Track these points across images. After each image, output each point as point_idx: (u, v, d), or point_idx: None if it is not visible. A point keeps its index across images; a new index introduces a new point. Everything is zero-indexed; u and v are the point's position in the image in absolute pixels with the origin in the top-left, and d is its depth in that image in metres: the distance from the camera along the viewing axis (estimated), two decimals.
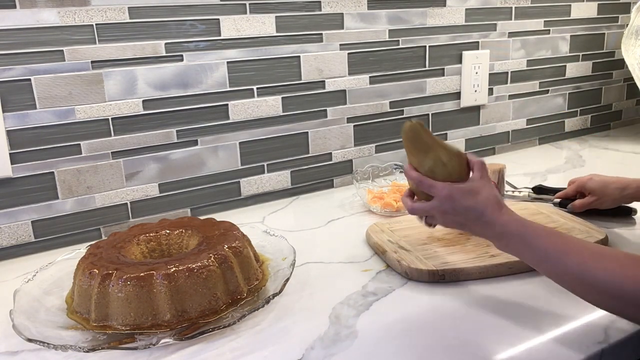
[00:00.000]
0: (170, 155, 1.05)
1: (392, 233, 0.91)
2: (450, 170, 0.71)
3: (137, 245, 0.79)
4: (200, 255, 0.72)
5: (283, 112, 1.14)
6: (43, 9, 0.90)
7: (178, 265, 0.69)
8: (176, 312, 0.68)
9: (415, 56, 1.27)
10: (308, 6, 1.11)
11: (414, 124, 0.73)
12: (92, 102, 0.96)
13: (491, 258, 0.80)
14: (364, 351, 0.64)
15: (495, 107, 1.43)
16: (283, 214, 1.11)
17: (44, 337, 0.64)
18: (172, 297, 0.67)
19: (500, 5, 1.35)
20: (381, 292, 0.77)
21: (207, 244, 0.75)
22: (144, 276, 0.67)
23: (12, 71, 0.89)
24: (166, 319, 0.67)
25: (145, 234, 0.81)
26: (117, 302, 0.67)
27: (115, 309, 0.68)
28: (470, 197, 0.69)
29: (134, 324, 0.67)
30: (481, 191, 0.69)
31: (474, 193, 0.69)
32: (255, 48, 1.08)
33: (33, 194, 0.95)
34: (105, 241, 0.80)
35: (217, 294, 0.70)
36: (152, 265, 0.69)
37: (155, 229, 0.82)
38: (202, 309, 0.69)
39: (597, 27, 1.53)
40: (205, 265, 0.70)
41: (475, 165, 0.72)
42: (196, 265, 0.69)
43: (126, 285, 0.67)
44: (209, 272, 0.70)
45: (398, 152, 1.30)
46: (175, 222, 0.84)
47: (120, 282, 0.67)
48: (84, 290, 0.70)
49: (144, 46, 0.98)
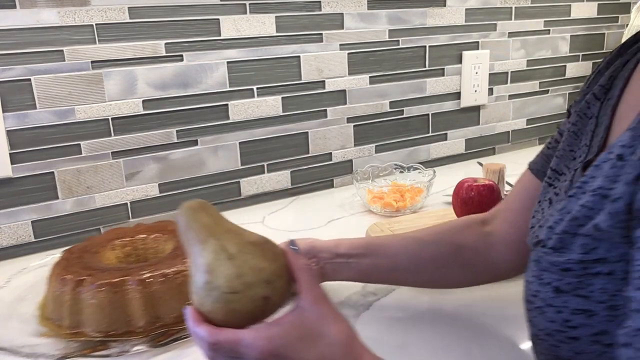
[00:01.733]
0: (170, 155, 1.05)
1: (392, 233, 0.91)
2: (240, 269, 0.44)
3: (112, 251, 0.78)
4: (175, 260, 0.70)
5: (283, 112, 1.14)
6: (43, 9, 0.90)
7: (152, 270, 0.68)
8: (150, 318, 0.67)
9: (415, 56, 1.27)
10: (308, 6, 1.11)
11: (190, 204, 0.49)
12: (92, 102, 0.96)
13: None
14: None
15: (495, 107, 1.43)
16: (283, 214, 1.11)
17: (14, 345, 0.63)
18: (146, 303, 0.66)
19: (500, 5, 1.35)
20: (381, 292, 0.77)
21: (182, 248, 0.74)
22: (117, 282, 0.66)
23: (12, 71, 0.89)
24: (140, 325, 0.66)
25: (120, 238, 0.79)
26: (90, 308, 0.66)
27: (89, 316, 0.67)
28: (305, 346, 0.43)
29: (107, 330, 0.66)
30: (321, 332, 0.44)
31: (312, 337, 0.44)
32: (255, 48, 1.08)
33: (33, 194, 0.95)
34: (79, 246, 0.78)
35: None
36: (126, 271, 0.68)
37: (131, 233, 0.81)
38: (177, 314, 0.68)
39: (597, 27, 1.53)
40: (180, 271, 0.69)
41: (300, 275, 0.46)
42: (171, 270, 0.68)
43: (99, 291, 0.66)
44: (184, 277, 0.68)
45: (398, 152, 1.30)
46: (151, 227, 0.83)
47: (93, 288, 0.66)
48: (57, 296, 0.69)
49: (144, 46, 0.98)
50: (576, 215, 0.44)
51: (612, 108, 0.52)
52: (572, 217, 0.44)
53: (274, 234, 0.98)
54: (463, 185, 0.95)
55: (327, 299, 0.46)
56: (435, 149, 1.36)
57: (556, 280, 0.44)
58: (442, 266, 0.69)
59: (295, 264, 0.46)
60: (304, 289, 0.45)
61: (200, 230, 0.47)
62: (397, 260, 0.70)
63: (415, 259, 0.69)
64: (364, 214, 1.07)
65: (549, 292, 0.45)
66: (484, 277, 0.71)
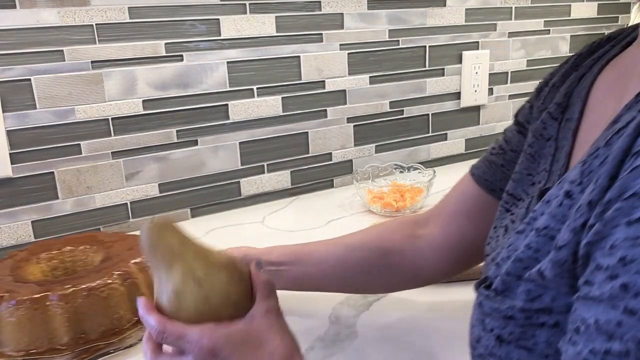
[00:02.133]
0: (170, 155, 1.05)
1: None
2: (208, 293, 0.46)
3: (36, 265, 0.74)
4: (100, 273, 0.68)
5: (283, 112, 1.14)
6: (43, 9, 0.90)
7: (76, 284, 0.65)
8: (74, 334, 0.64)
9: (415, 56, 1.27)
10: (308, 6, 1.12)
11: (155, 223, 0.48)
12: (92, 102, 0.96)
13: None
14: (364, 351, 0.64)
15: (495, 107, 1.43)
16: (283, 214, 1.11)
17: None
18: (69, 318, 0.64)
19: (500, 5, 1.35)
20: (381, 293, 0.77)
21: (111, 260, 0.72)
22: (38, 298, 0.63)
23: (12, 71, 0.89)
24: (64, 342, 0.64)
25: (46, 251, 0.76)
26: (9, 327, 0.63)
27: (8, 335, 0.64)
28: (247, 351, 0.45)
29: (28, 349, 0.63)
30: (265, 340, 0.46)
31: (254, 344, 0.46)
32: (255, 48, 1.08)
33: (33, 194, 0.95)
34: (0, 261, 0.75)
35: (119, 313, 0.67)
36: (48, 286, 0.66)
37: (58, 245, 0.78)
38: (104, 329, 0.66)
39: (597, 27, 1.53)
40: (106, 284, 0.66)
41: (259, 288, 0.49)
42: (96, 283, 0.66)
43: (18, 308, 0.63)
44: (111, 290, 0.66)
45: (398, 152, 1.30)
46: (80, 238, 0.80)
47: (11, 306, 0.63)
48: None
49: (144, 46, 0.98)
50: (521, 257, 0.40)
51: (572, 131, 0.48)
52: (517, 258, 0.40)
53: (274, 234, 0.99)
54: None
55: (279, 313, 0.49)
56: (435, 149, 1.36)
57: (498, 328, 0.41)
58: (369, 271, 0.67)
59: (257, 279, 0.50)
60: (259, 300, 0.48)
61: (166, 251, 0.47)
62: (324, 267, 0.67)
63: (342, 264, 0.67)
64: (364, 214, 1.07)
65: (491, 341, 0.41)
66: (410, 281, 0.68)
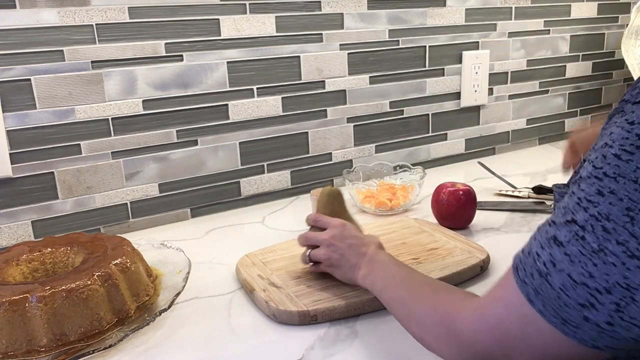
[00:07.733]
0: (170, 155, 1.05)
1: (264, 264, 0.83)
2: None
3: (16, 266, 0.74)
4: (81, 274, 0.68)
5: (283, 112, 1.14)
6: (43, 9, 0.90)
7: (55, 285, 0.65)
8: (54, 336, 0.64)
9: (415, 56, 1.27)
10: (308, 6, 1.12)
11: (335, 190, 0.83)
12: (92, 102, 0.96)
13: None
14: (364, 351, 0.64)
15: (495, 107, 1.43)
16: (283, 214, 1.11)
17: None
18: (48, 320, 0.64)
19: (500, 5, 1.35)
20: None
21: (91, 261, 0.72)
22: (16, 300, 0.63)
23: (12, 71, 0.89)
24: (43, 344, 0.64)
25: (26, 253, 0.76)
26: None
27: None
28: (358, 232, 0.77)
29: (6, 351, 0.63)
30: (367, 235, 0.77)
31: (361, 232, 0.78)
32: (255, 48, 1.08)
33: (33, 194, 0.95)
34: None
35: (99, 314, 0.67)
36: (27, 287, 0.66)
37: (39, 247, 0.77)
38: (84, 330, 0.66)
39: (597, 27, 1.53)
40: (85, 285, 0.66)
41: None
42: (75, 284, 0.66)
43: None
44: (91, 291, 0.66)
45: (398, 152, 1.30)
46: (61, 239, 0.80)
47: None
48: None
49: (144, 46, 0.98)
50: None
51: None
52: None
53: (274, 234, 0.99)
54: (441, 190, 0.98)
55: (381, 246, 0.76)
56: (435, 149, 1.36)
57: None
58: None
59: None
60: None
61: (327, 212, 0.81)
62: None
63: None
64: (357, 215, 1.07)
65: None
66: None
